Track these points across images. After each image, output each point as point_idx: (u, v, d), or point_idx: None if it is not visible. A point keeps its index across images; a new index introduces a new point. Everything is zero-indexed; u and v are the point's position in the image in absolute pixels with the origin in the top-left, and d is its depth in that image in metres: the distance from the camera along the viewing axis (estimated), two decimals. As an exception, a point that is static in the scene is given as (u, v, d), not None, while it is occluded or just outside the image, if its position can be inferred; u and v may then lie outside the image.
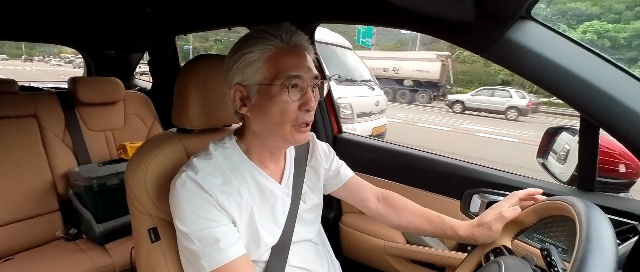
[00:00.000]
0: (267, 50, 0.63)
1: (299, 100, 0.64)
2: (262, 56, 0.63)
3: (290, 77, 0.62)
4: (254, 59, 0.63)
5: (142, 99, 1.92)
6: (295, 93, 0.63)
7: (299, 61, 0.64)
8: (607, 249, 0.43)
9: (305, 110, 0.64)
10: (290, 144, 0.70)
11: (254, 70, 0.63)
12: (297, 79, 0.62)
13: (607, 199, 0.85)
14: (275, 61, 0.63)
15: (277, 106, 0.63)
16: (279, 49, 0.63)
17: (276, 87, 0.62)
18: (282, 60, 0.63)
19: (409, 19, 0.94)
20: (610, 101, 0.66)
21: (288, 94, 0.62)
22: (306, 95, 0.64)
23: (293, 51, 0.64)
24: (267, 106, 0.63)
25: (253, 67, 0.63)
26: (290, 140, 0.66)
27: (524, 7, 0.71)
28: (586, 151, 0.87)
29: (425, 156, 1.26)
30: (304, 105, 0.64)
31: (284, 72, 0.62)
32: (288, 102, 0.62)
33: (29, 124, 1.48)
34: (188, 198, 0.61)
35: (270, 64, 0.63)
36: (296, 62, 0.63)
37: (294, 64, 0.63)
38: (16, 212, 1.36)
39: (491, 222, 0.70)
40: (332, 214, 1.44)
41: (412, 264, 1.22)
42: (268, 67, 0.63)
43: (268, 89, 0.62)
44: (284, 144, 0.70)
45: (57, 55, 36.28)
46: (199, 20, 1.84)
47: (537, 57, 0.71)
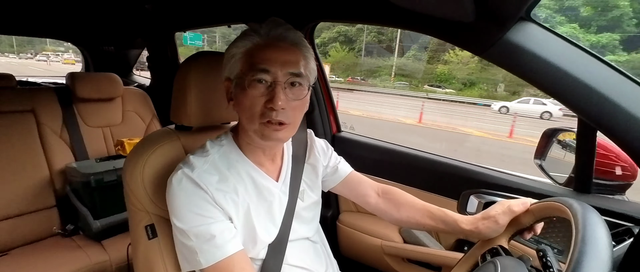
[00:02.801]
0: (245, 45, 0.64)
1: (265, 96, 0.62)
2: (240, 50, 0.64)
3: (257, 71, 0.61)
4: (234, 53, 0.65)
5: (141, 95, 1.91)
6: (260, 87, 0.62)
7: (274, 55, 0.62)
8: (602, 251, 0.44)
9: (269, 107, 0.61)
10: (264, 141, 0.65)
11: (234, 64, 0.65)
12: (263, 73, 0.61)
13: (603, 201, 0.86)
14: (249, 55, 0.63)
15: (246, 100, 0.63)
16: (256, 43, 0.64)
17: (246, 80, 0.62)
18: (255, 54, 0.63)
19: (409, 18, 0.94)
20: (608, 104, 0.67)
21: (248, 87, 0.62)
22: (272, 91, 0.61)
23: (272, 45, 0.63)
24: (240, 100, 0.64)
25: (233, 61, 0.65)
26: (261, 137, 0.64)
27: (524, 9, 0.71)
28: (583, 153, 0.88)
29: (423, 155, 1.27)
30: (268, 102, 0.61)
31: (254, 65, 0.62)
32: (253, 96, 0.62)
33: (26, 120, 1.47)
34: (184, 195, 0.61)
35: (245, 58, 0.64)
36: (269, 56, 0.62)
37: (265, 58, 0.62)
38: (13, 208, 1.35)
39: (498, 216, 0.69)
40: (330, 213, 1.44)
41: (408, 264, 1.22)
42: (243, 61, 0.64)
43: (242, 82, 0.63)
44: (258, 140, 0.66)
45: (41, 52, 39.14)
46: (198, 17, 1.83)
47: (536, 59, 0.72)
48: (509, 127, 9.35)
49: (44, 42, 35.74)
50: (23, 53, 39.69)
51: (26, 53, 39.70)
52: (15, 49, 38.57)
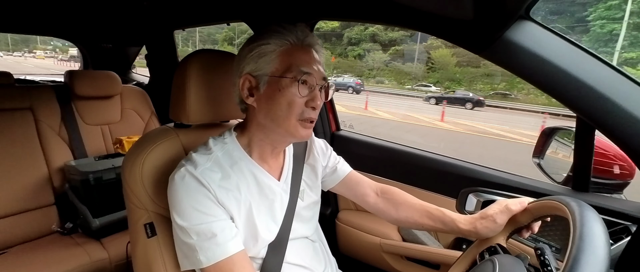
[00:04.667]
0: (282, 44, 0.65)
1: (307, 96, 0.65)
2: (276, 49, 0.65)
3: (301, 72, 0.64)
4: (268, 51, 0.65)
5: (139, 93, 1.91)
6: (304, 88, 0.64)
7: (311, 59, 0.66)
8: (599, 249, 0.44)
9: (311, 107, 0.65)
10: (294, 138, 0.69)
11: (267, 61, 0.65)
12: (307, 76, 0.64)
13: (601, 199, 0.86)
14: (288, 55, 0.65)
15: (285, 98, 0.64)
16: (293, 45, 0.65)
17: (287, 80, 0.63)
18: (295, 56, 0.65)
19: (408, 16, 0.94)
20: (606, 103, 0.67)
21: (298, 88, 0.63)
22: (314, 92, 0.65)
23: (306, 49, 0.66)
24: (275, 97, 0.64)
25: (267, 58, 0.65)
26: (294, 134, 0.66)
27: (523, 8, 0.71)
28: (582, 152, 0.88)
29: (422, 154, 1.27)
30: (311, 101, 0.65)
31: (297, 66, 0.64)
32: (296, 96, 0.64)
33: (25, 117, 1.47)
34: (187, 192, 0.61)
35: (284, 57, 0.64)
36: (308, 59, 0.65)
37: (306, 61, 0.65)
38: (11, 206, 1.35)
39: (496, 215, 0.70)
40: (329, 211, 1.45)
41: (407, 262, 1.23)
42: (281, 60, 0.64)
43: (278, 80, 0.64)
44: (287, 137, 0.69)
45: (30, 50, 41.95)
46: (198, 15, 1.82)
47: (535, 58, 0.72)
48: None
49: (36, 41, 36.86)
50: (17, 51, 41.37)
51: (19, 52, 41.12)
52: (11, 48, 39.45)
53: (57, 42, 26.50)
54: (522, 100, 19.30)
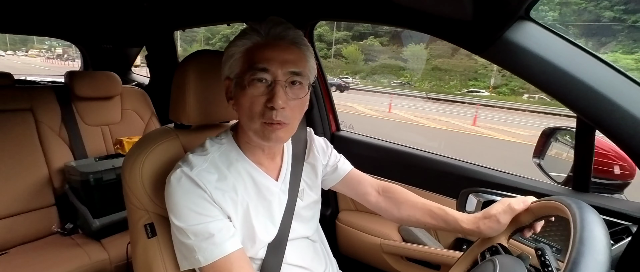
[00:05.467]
0: (244, 44, 0.64)
1: (265, 95, 0.61)
2: (239, 49, 0.64)
3: (257, 70, 0.61)
4: (233, 52, 0.64)
5: (140, 94, 1.91)
6: (259, 86, 0.61)
7: (273, 54, 0.61)
8: (600, 252, 0.44)
9: (269, 107, 0.60)
10: (264, 141, 0.64)
11: (235, 63, 0.64)
12: (262, 73, 0.60)
13: (602, 199, 0.86)
14: (250, 54, 0.63)
15: (246, 99, 0.62)
16: (255, 42, 0.63)
17: (246, 80, 0.61)
18: (255, 53, 0.62)
19: (407, 17, 0.94)
20: (607, 103, 0.67)
21: (248, 86, 0.61)
22: (272, 91, 0.61)
23: (271, 44, 0.62)
24: (240, 99, 0.63)
25: (232, 60, 0.64)
26: (261, 137, 0.63)
27: (523, 8, 0.71)
28: (582, 152, 0.88)
29: (422, 154, 1.27)
30: (268, 101, 0.61)
31: (254, 64, 0.61)
32: (253, 96, 0.61)
33: (25, 118, 1.47)
34: (183, 193, 0.61)
35: (245, 57, 0.63)
36: (269, 55, 0.61)
37: (265, 57, 0.61)
38: (12, 207, 1.35)
39: (499, 215, 0.69)
40: (329, 211, 1.45)
41: (407, 262, 1.22)
42: (243, 60, 0.63)
43: (241, 81, 0.63)
44: (258, 140, 0.65)
45: (27, 50, 42.99)
46: (197, 16, 1.82)
47: (535, 58, 0.72)
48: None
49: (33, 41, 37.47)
50: (10, 51, 42.63)
51: (13, 51, 42.13)
52: (9, 47, 40.06)
53: (53, 42, 27.09)
54: (417, 88, 22.90)
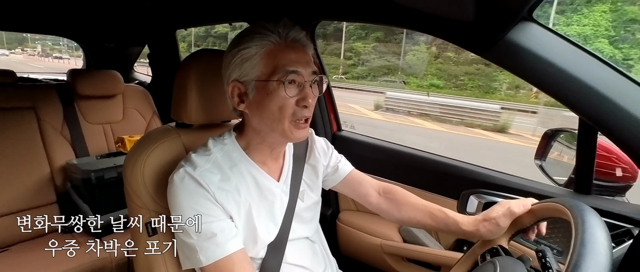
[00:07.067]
0: (264, 45, 0.62)
1: (297, 95, 0.63)
2: (259, 51, 0.62)
3: (287, 73, 0.61)
4: (251, 55, 0.62)
5: (141, 92, 1.92)
6: (292, 89, 0.62)
7: (297, 56, 0.63)
8: (601, 254, 0.44)
9: (303, 106, 0.63)
10: (290, 140, 0.68)
11: (251, 66, 0.63)
12: (294, 75, 0.62)
13: (603, 202, 0.86)
14: (272, 57, 0.62)
15: (274, 102, 0.62)
16: (276, 44, 0.62)
17: (273, 83, 0.61)
18: (279, 56, 0.62)
19: (410, 17, 0.94)
20: (609, 104, 0.66)
21: (285, 89, 0.61)
22: (304, 91, 0.63)
23: (291, 46, 0.63)
24: (264, 102, 0.63)
25: (250, 62, 0.62)
26: (290, 136, 0.65)
27: (526, 9, 0.70)
28: (584, 154, 0.87)
29: (424, 155, 1.26)
30: (301, 101, 0.63)
31: (282, 67, 0.61)
32: (286, 98, 0.62)
33: (27, 117, 1.47)
34: (186, 193, 0.61)
35: (268, 60, 0.62)
36: (294, 57, 0.62)
37: (292, 59, 0.62)
38: (13, 204, 1.35)
39: (499, 218, 0.68)
40: (330, 211, 1.44)
41: (408, 263, 1.22)
42: (265, 63, 0.62)
43: (265, 85, 0.62)
44: (283, 140, 0.69)
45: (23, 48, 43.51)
46: (200, 15, 1.83)
47: (538, 59, 0.71)
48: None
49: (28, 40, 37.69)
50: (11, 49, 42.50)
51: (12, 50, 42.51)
52: (6, 46, 40.62)
53: (46, 41, 27.24)
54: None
